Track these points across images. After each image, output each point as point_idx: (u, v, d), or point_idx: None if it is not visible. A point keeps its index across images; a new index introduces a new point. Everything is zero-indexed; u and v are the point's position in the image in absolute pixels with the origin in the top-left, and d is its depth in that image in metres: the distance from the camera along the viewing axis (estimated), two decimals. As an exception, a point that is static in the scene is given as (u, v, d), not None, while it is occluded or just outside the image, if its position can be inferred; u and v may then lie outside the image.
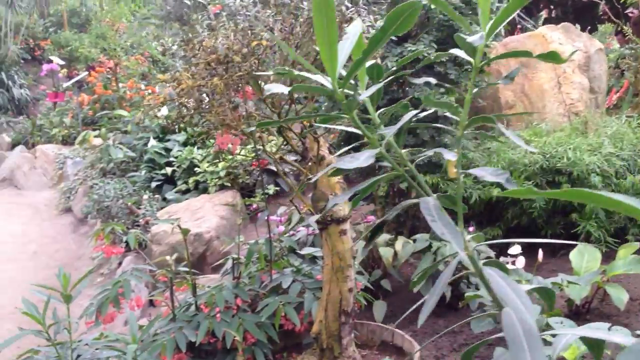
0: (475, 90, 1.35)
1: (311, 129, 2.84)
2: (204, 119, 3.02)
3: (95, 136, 8.33)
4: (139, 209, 5.89)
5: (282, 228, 4.07)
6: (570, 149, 4.40)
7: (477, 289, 3.78)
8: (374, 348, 3.09)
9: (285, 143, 3.03)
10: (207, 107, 2.92)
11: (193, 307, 3.17)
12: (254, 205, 4.66)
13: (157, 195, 6.18)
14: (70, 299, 2.56)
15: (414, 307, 1.78)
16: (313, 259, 3.65)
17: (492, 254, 3.90)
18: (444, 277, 1.21)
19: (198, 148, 6.53)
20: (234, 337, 2.86)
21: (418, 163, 4.32)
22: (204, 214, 5.25)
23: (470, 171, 1.25)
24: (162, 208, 5.90)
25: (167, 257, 3.26)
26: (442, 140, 4.40)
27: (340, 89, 1.25)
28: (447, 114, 1.36)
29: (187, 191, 6.20)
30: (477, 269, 1.21)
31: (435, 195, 1.26)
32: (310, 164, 2.90)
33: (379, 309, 3.83)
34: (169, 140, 7.01)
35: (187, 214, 5.30)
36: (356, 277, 2.89)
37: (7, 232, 7.10)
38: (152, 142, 6.88)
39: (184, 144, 6.80)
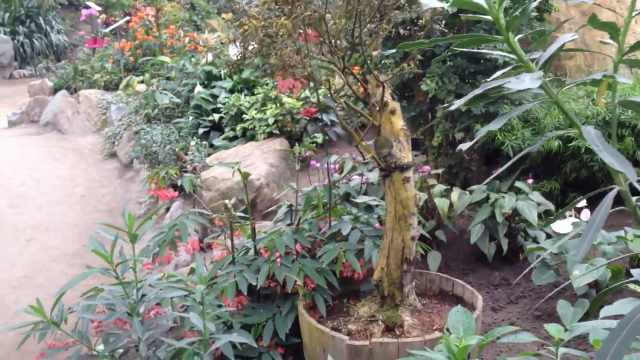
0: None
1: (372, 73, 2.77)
2: (266, 61, 2.95)
3: (139, 82, 8.33)
4: (186, 155, 5.90)
5: (336, 175, 4.02)
6: (633, 101, 4.24)
7: (536, 242, 3.72)
8: (432, 297, 3.06)
9: (344, 88, 2.96)
10: (271, 48, 2.85)
11: (252, 252, 3.16)
12: (306, 153, 4.62)
13: (204, 142, 6.17)
14: (135, 238, 2.56)
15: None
16: (368, 208, 3.61)
17: (551, 206, 3.82)
18: (603, 208, 1.14)
19: (245, 95, 6.47)
20: (295, 281, 2.85)
21: (475, 112, 4.22)
22: (253, 161, 5.23)
23: (635, 98, 1.16)
24: (209, 154, 5.89)
25: (226, 201, 3.25)
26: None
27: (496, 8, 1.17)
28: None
29: (235, 138, 6.17)
30: (631, 206, 1.15)
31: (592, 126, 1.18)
32: (375, 109, 2.83)
33: (434, 260, 3.79)
34: (214, 87, 6.96)
35: (236, 161, 5.28)
36: (415, 226, 2.84)
37: (55, 176, 7.19)
38: (199, 89, 6.85)
39: (231, 91, 6.75)
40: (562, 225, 3.17)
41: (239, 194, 3.58)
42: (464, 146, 1.33)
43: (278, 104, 5.83)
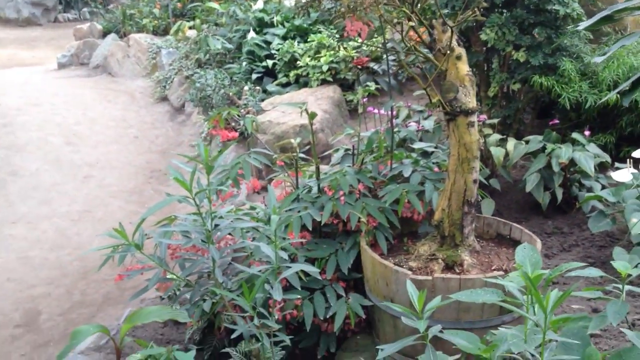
0: None
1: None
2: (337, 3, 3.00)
3: (190, 27, 8.41)
4: (240, 99, 6.00)
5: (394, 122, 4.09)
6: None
7: (591, 192, 3.76)
8: (489, 240, 3.15)
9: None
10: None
11: (315, 190, 3.27)
12: (364, 99, 4.69)
13: (257, 87, 6.26)
14: (211, 170, 2.69)
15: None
16: (424, 154, 3.68)
17: (607, 157, 3.85)
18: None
19: (298, 42, 6.52)
20: (359, 219, 2.95)
21: (533, 64, 4.22)
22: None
23: None
24: (262, 100, 5.99)
25: (292, 140, 3.35)
26: (562, 42, 4.25)
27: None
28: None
29: (288, 84, 6.25)
30: None
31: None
32: (440, 55, 2.88)
33: (488, 207, 3.86)
34: (266, 33, 7.01)
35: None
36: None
37: (108, 117, 7.38)
38: (252, 35, 6.90)
39: (284, 38, 6.79)
40: (622, 175, 3.22)
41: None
42: (599, 59, 1.41)
43: (343, 48, 5.87)
